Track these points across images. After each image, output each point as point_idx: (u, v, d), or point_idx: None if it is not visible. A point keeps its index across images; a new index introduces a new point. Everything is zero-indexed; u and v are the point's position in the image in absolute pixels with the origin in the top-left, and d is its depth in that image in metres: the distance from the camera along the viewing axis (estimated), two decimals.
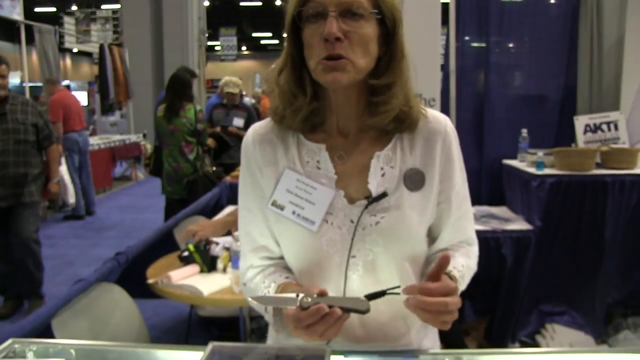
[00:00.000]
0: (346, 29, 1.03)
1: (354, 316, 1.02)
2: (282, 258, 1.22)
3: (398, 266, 1.14)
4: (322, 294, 0.99)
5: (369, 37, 1.06)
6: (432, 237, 1.24)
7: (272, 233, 1.20)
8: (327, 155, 1.15)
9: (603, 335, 3.59)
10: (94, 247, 6.14)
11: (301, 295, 0.99)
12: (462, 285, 1.18)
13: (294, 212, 1.14)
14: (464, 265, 1.19)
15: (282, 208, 1.15)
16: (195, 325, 3.64)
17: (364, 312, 1.00)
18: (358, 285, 1.13)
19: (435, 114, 1.20)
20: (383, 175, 1.14)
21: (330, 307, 0.97)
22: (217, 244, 2.75)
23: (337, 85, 1.07)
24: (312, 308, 0.96)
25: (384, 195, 1.12)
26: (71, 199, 7.30)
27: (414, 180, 1.14)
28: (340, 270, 1.13)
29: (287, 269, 1.21)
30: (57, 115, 7.09)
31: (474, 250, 1.27)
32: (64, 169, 7.52)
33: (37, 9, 20.09)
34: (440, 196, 1.18)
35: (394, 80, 1.10)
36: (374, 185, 1.13)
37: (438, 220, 1.20)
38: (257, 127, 1.23)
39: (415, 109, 1.14)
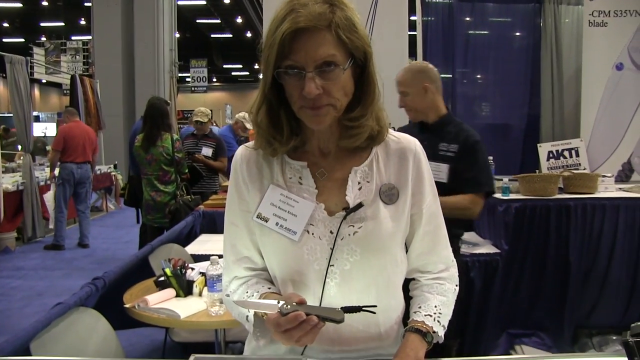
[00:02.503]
0: (324, 83, 1.11)
1: (329, 324, 1.09)
2: (264, 270, 1.29)
3: (374, 276, 1.22)
4: (301, 303, 1.07)
5: (346, 83, 1.14)
6: (407, 249, 1.32)
7: (255, 246, 1.27)
8: (308, 172, 1.24)
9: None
10: (64, 278, 6.04)
11: (282, 302, 1.06)
12: (444, 318, 1.27)
13: (277, 224, 1.21)
14: (438, 304, 1.27)
15: (266, 220, 1.22)
16: (170, 350, 3.62)
17: (338, 321, 1.07)
18: (335, 293, 1.21)
19: (405, 136, 1.31)
20: (360, 189, 1.23)
21: (307, 315, 1.04)
22: (192, 269, 2.78)
23: (321, 127, 1.17)
24: (290, 315, 1.03)
25: (359, 205, 1.21)
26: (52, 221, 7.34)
27: (389, 194, 1.23)
28: (319, 278, 1.20)
29: (269, 280, 1.28)
30: (57, 143, 7.26)
31: (452, 272, 1.35)
32: (50, 196, 7.47)
33: (5, 40, 20.01)
34: (412, 208, 1.27)
35: (366, 109, 1.19)
36: (352, 198, 1.22)
37: (410, 230, 1.29)
38: (245, 147, 1.31)
39: (384, 127, 1.24)
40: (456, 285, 1.34)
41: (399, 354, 1.18)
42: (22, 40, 18.80)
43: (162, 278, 2.69)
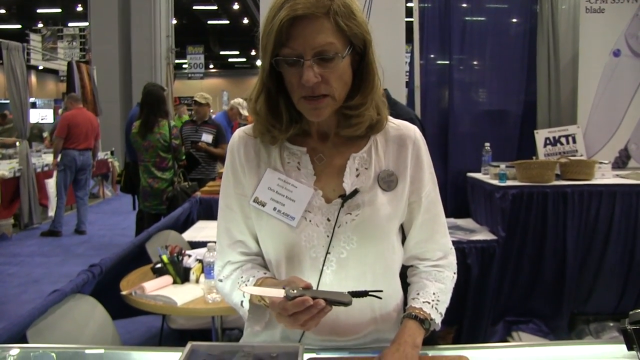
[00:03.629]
0: (323, 72, 1.10)
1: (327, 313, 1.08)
2: (258, 255, 1.29)
3: (370, 264, 1.22)
4: (307, 288, 1.06)
5: (344, 71, 1.13)
6: (405, 236, 1.32)
7: (250, 230, 1.26)
8: (308, 157, 1.23)
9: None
10: (61, 265, 6.05)
11: (287, 287, 1.05)
12: (442, 305, 1.27)
13: (274, 209, 1.20)
14: (436, 292, 1.27)
15: (263, 205, 1.21)
16: (167, 338, 3.64)
17: (346, 304, 1.06)
18: (331, 281, 1.21)
19: (405, 123, 1.30)
20: (358, 175, 1.23)
21: (314, 298, 1.03)
22: (189, 255, 2.79)
23: (320, 119, 1.16)
24: (298, 299, 1.02)
25: (355, 192, 1.20)
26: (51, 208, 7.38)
27: (387, 181, 1.23)
28: (315, 265, 1.20)
29: (264, 266, 1.28)
30: (62, 130, 7.31)
31: (450, 260, 1.34)
32: (52, 182, 7.47)
33: (2, 26, 19.88)
34: (411, 196, 1.26)
35: (366, 98, 1.18)
36: (349, 185, 1.21)
37: (409, 217, 1.29)
38: (243, 129, 1.30)
39: (384, 115, 1.24)
40: (454, 273, 1.34)
41: (396, 339, 1.18)
42: (19, 26, 18.68)
43: (159, 265, 2.70)
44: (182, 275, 2.67)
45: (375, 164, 1.24)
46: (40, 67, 18.72)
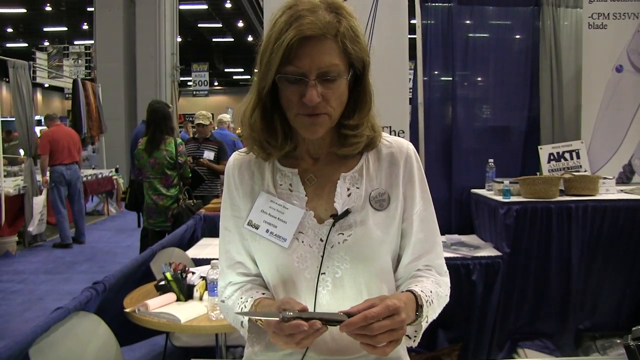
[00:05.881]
0: (325, 92, 1.10)
1: (328, 331, 1.07)
2: (258, 275, 1.28)
3: (365, 283, 1.21)
4: (303, 310, 1.05)
5: (343, 92, 1.14)
6: (399, 259, 1.29)
7: (248, 251, 1.27)
8: (299, 179, 1.23)
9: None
10: (65, 283, 6.05)
11: (283, 310, 1.05)
12: (431, 313, 1.19)
13: (267, 231, 1.21)
14: (432, 291, 1.19)
15: (257, 227, 1.22)
16: (171, 356, 3.62)
17: (342, 323, 1.05)
18: (327, 301, 1.20)
19: (398, 140, 1.29)
20: (349, 195, 1.22)
21: (310, 319, 1.02)
22: (193, 273, 2.78)
23: (316, 136, 1.16)
24: (292, 322, 1.02)
25: (347, 212, 1.20)
26: (33, 228, 7.51)
27: (379, 200, 1.22)
28: (310, 285, 1.20)
29: (264, 286, 1.28)
30: (44, 148, 7.47)
31: (445, 280, 1.28)
32: (40, 200, 7.50)
33: (9, 45, 20.09)
34: (403, 215, 1.25)
35: (363, 118, 1.19)
36: (340, 205, 1.21)
37: (402, 241, 1.27)
38: (238, 154, 1.31)
39: (378, 132, 1.24)
40: (446, 295, 1.27)
41: (387, 295, 1.11)
42: (25, 45, 18.88)
43: (162, 282, 2.69)
44: (186, 293, 2.67)
45: (366, 183, 1.23)
46: (46, 85, 18.86)
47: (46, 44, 14.54)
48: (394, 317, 1.02)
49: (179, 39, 13.06)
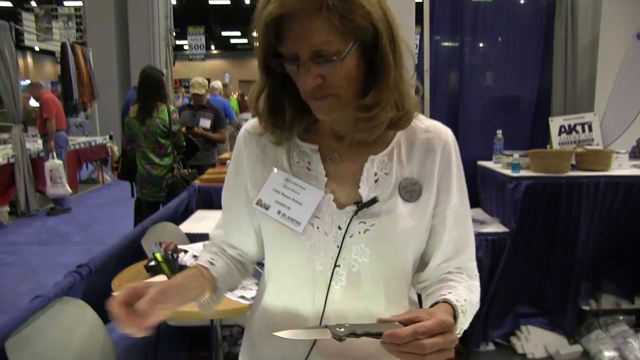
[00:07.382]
0: (323, 72, 0.95)
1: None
2: (235, 249, 1.23)
3: (385, 281, 1.06)
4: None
5: (349, 70, 0.96)
6: (424, 260, 1.14)
7: (242, 230, 1.20)
8: (319, 156, 1.09)
9: (575, 335, 3.59)
10: (59, 254, 5.90)
11: (331, 325, 0.91)
12: (464, 323, 1.03)
13: (279, 212, 1.08)
14: (467, 300, 1.04)
15: (267, 207, 1.09)
16: (166, 334, 3.51)
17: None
18: (340, 297, 1.05)
19: (437, 125, 1.12)
20: (376, 181, 1.06)
21: (369, 333, 0.89)
22: (185, 252, 2.64)
23: (330, 118, 1.03)
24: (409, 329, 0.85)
25: (374, 201, 1.04)
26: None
27: (410, 190, 1.06)
28: (321, 279, 1.05)
29: (235, 261, 1.22)
30: (51, 112, 7.51)
31: (476, 284, 1.14)
32: (56, 163, 7.39)
33: None
34: (435, 208, 1.09)
35: (379, 96, 1.00)
36: (365, 191, 1.05)
37: (431, 239, 1.11)
38: (251, 123, 1.17)
39: (408, 112, 1.05)
40: (477, 302, 1.12)
41: (434, 309, 0.97)
42: (9, 4, 18.19)
43: (152, 263, 2.54)
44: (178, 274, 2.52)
45: (396, 169, 1.07)
46: (37, 48, 18.43)
47: (33, 4, 14.05)
48: (446, 335, 0.86)
49: (174, 2, 12.72)
